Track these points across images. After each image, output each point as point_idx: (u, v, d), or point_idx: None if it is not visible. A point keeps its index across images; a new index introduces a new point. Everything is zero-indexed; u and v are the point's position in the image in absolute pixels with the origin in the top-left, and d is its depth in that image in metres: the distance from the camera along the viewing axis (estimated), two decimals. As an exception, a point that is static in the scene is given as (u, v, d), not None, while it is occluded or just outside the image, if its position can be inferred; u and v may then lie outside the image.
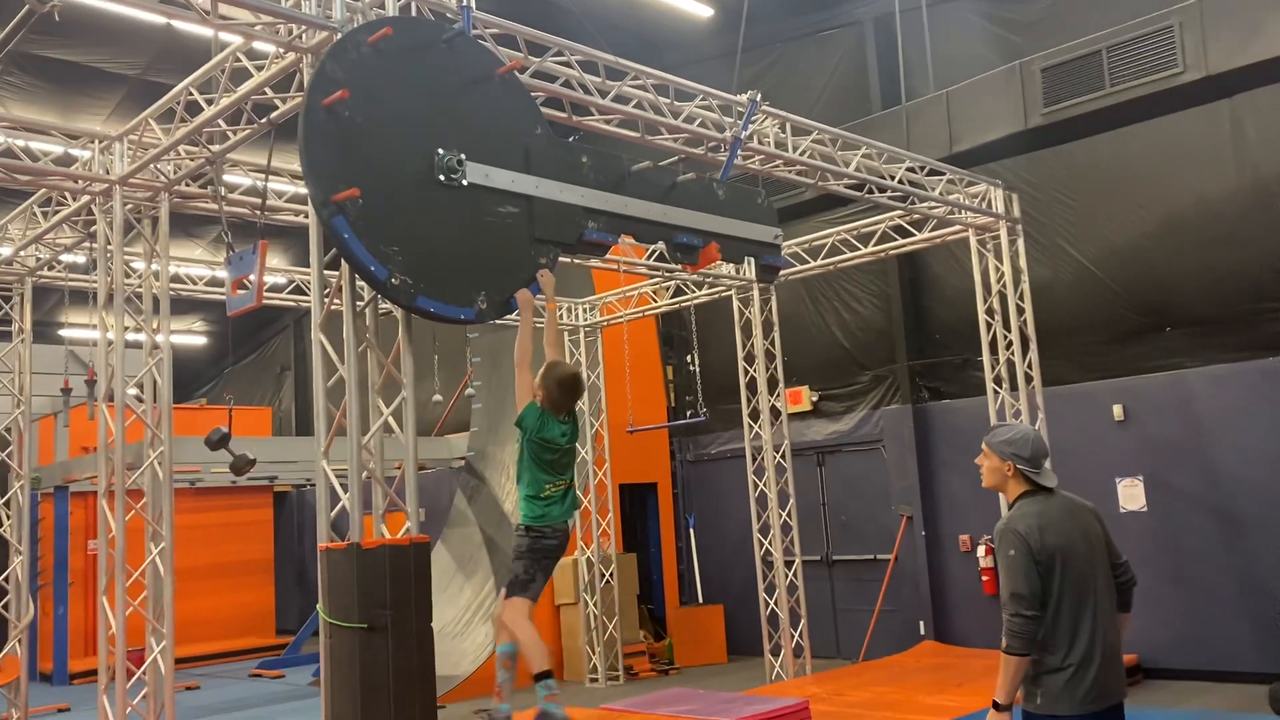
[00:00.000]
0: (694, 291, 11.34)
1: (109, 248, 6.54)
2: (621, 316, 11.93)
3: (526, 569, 4.89)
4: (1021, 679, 3.75)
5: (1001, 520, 3.84)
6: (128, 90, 13.39)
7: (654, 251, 10.21)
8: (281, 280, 10.27)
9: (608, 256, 6.86)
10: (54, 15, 4.55)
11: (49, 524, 14.69)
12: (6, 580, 8.13)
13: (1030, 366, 8.83)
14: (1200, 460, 9.51)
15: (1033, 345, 8.84)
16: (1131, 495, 9.91)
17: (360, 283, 4.76)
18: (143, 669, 6.30)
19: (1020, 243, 8.99)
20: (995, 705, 3.79)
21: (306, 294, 10.11)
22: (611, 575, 11.94)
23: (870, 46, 12.40)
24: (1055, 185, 10.63)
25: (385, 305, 4.93)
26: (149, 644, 6.34)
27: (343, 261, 4.64)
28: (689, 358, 13.96)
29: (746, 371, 10.96)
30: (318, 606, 4.58)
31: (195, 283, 9.69)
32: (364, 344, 4.80)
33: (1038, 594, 3.65)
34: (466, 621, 12.27)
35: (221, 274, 9.94)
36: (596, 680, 11.53)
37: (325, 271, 4.85)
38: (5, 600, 8.11)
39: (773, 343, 10.79)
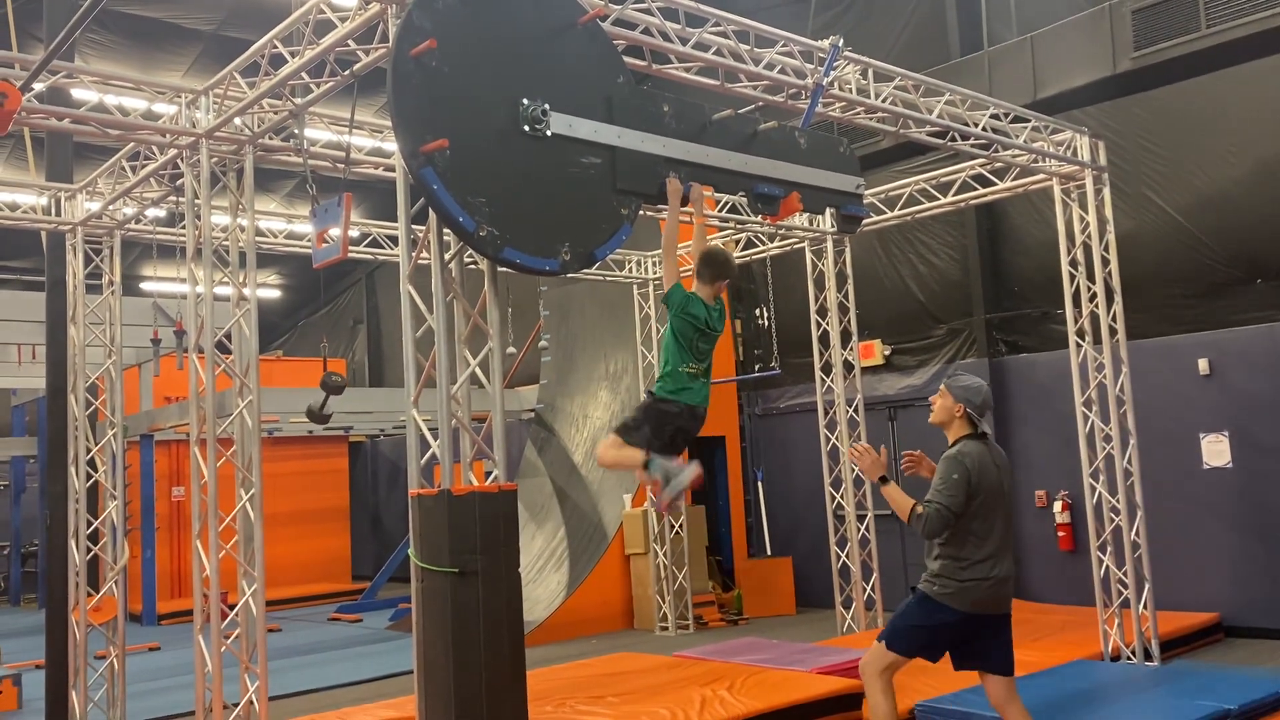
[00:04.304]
0: (765, 244, 11.23)
1: (196, 201, 6.67)
2: (691, 269, 11.85)
3: (635, 420, 4.89)
4: (941, 576, 4.84)
5: (953, 451, 4.93)
6: (204, 46, 13.60)
7: (725, 203, 10.12)
8: (355, 234, 10.39)
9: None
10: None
11: (135, 471, 15.19)
12: (102, 524, 8.43)
13: (1114, 319, 8.61)
14: (1290, 416, 9.25)
15: (1117, 298, 8.62)
16: (1216, 451, 9.67)
17: (447, 234, 4.80)
18: (235, 610, 6.50)
19: (1106, 192, 8.72)
20: (882, 479, 4.99)
21: (382, 247, 10.22)
22: (681, 526, 12.03)
23: (949, -10, 12.07)
24: (1142, 132, 10.30)
25: (471, 257, 4.97)
26: (240, 587, 6.54)
27: (430, 213, 4.68)
28: (758, 311, 13.90)
29: (819, 325, 10.86)
30: (409, 551, 4.69)
31: (275, 236, 9.84)
32: (451, 295, 4.85)
33: (958, 511, 4.77)
34: (539, 569, 12.49)
35: (296, 227, 10.11)
36: (667, 629, 11.68)
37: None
38: (101, 543, 8.42)
39: (846, 295, 10.67)
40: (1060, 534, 10.76)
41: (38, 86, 6.05)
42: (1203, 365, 9.75)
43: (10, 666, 10.66)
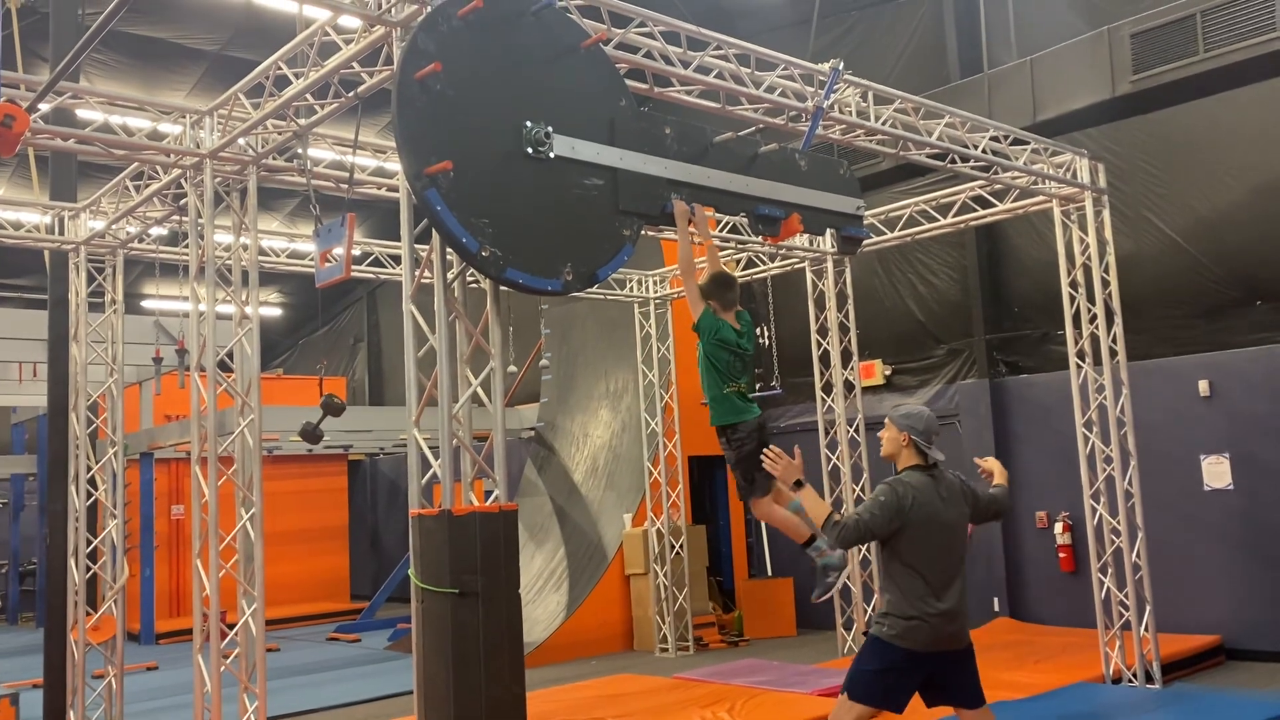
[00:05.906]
0: (766, 264, 11.27)
1: (199, 221, 6.69)
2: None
3: (745, 475, 5.23)
4: (889, 615, 4.61)
5: (892, 477, 4.73)
6: (208, 66, 13.68)
7: (726, 223, 10.15)
8: (358, 253, 10.40)
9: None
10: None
11: (134, 489, 15.17)
12: (101, 543, 8.42)
13: (1114, 341, 8.64)
14: (1291, 438, 9.25)
15: (1118, 319, 8.65)
16: (1217, 473, 9.67)
17: (450, 255, 4.82)
18: (235, 630, 6.49)
19: (1106, 214, 8.77)
20: (797, 484, 4.70)
21: (384, 266, 10.25)
22: (681, 547, 12.01)
23: (949, 13, 12.14)
24: (1141, 155, 10.35)
25: (473, 277, 4.99)
26: (240, 606, 6.53)
27: (433, 234, 4.70)
28: (758, 330, 13.91)
29: (819, 344, 10.88)
30: (409, 571, 4.68)
31: (277, 255, 9.87)
32: (454, 314, 4.87)
33: (878, 533, 4.57)
34: (539, 589, 12.44)
35: (298, 246, 10.15)
36: (667, 650, 11.63)
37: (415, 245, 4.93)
38: (100, 562, 8.41)
39: (846, 315, 10.69)
40: (1061, 555, 10.74)
41: (44, 107, 6.10)
42: (1203, 387, 9.77)
43: (8, 685, 10.61)
